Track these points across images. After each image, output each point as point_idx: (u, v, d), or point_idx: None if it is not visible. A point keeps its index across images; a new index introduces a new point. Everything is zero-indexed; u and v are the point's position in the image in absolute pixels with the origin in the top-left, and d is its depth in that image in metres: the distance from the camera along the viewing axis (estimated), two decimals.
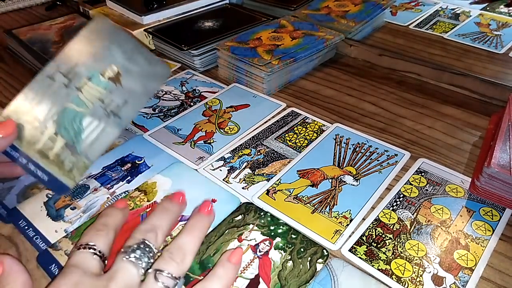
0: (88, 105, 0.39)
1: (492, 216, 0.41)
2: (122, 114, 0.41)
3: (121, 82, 0.41)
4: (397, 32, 0.79)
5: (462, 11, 0.84)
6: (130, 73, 0.41)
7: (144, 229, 0.33)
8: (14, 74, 0.68)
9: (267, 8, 0.82)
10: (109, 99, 0.40)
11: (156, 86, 0.47)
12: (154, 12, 0.75)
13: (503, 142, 0.42)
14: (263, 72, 0.59)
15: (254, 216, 0.42)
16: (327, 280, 0.36)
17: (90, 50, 0.39)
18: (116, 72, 0.40)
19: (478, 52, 0.71)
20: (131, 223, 0.41)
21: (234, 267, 0.33)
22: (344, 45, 0.71)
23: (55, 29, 0.76)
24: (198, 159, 0.49)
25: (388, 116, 0.57)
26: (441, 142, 0.52)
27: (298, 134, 0.53)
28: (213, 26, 0.74)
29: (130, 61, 0.41)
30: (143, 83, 0.42)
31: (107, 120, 0.40)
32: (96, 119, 0.39)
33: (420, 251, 0.38)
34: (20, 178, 0.46)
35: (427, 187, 0.45)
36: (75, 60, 0.38)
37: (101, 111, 0.39)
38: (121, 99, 0.41)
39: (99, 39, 0.40)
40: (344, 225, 0.41)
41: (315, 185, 0.45)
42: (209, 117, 0.57)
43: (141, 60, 0.42)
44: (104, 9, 0.81)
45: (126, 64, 0.41)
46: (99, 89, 0.39)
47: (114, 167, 0.48)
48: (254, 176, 0.47)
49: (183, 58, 0.69)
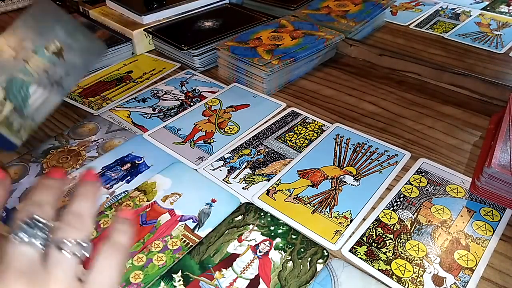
0: (34, 75, 0.45)
1: (493, 216, 0.41)
2: (64, 84, 0.48)
3: (64, 56, 0.47)
4: (397, 32, 0.78)
5: (463, 11, 0.84)
6: (72, 49, 0.48)
7: (27, 207, 0.29)
8: None
9: (267, 8, 0.82)
10: (53, 71, 0.46)
11: (94, 60, 0.55)
12: (154, 12, 0.75)
13: (504, 142, 0.42)
14: (263, 72, 0.59)
15: (254, 216, 0.41)
16: (327, 280, 0.36)
17: (35, 26, 0.45)
18: (59, 47, 0.46)
19: (479, 52, 0.70)
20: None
21: (129, 222, 0.32)
22: (344, 45, 0.71)
23: None
24: (198, 159, 0.49)
25: (388, 116, 0.57)
26: (441, 142, 0.52)
27: (298, 134, 0.53)
28: (213, 26, 0.74)
29: (71, 38, 0.48)
30: (83, 57, 0.49)
31: (51, 89, 0.47)
32: (41, 88, 0.46)
33: (420, 251, 0.38)
34: (21, 181, 0.46)
35: (427, 187, 0.45)
36: (22, 35, 0.44)
37: (45, 81, 0.46)
38: (63, 71, 0.47)
39: (44, 18, 0.46)
40: (344, 225, 0.41)
41: (315, 185, 0.45)
42: (209, 117, 0.57)
43: (81, 38, 0.49)
44: (104, 9, 0.81)
45: (68, 40, 0.47)
46: (44, 61, 0.45)
47: (114, 167, 0.48)
48: (254, 176, 0.47)
49: (183, 58, 0.69)
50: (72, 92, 0.62)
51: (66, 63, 0.47)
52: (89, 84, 0.65)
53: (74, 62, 0.48)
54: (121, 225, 0.32)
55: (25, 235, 0.27)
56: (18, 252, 0.27)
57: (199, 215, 0.42)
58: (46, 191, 0.31)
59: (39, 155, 0.50)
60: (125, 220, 0.33)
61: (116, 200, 0.43)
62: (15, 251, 0.27)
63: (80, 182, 0.33)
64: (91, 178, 0.33)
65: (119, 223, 0.33)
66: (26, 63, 0.45)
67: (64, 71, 0.47)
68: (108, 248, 0.30)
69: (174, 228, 0.40)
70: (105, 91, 0.63)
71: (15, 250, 0.27)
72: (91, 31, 0.74)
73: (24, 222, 0.28)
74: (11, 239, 0.27)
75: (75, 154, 0.50)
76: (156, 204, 0.43)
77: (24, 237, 0.27)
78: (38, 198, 0.30)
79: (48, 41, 0.46)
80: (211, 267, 0.37)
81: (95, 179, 0.33)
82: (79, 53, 0.49)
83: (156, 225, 0.41)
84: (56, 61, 0.47)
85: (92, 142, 0.52)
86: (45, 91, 0.46)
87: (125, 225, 0.32)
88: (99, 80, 0.65)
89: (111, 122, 0.55)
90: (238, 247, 0.38)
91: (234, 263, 0.37)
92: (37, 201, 0.30)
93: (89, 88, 0.64)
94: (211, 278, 0.36)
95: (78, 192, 0.32)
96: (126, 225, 0.32)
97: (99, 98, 0.61)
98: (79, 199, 0.31)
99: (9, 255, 0.26)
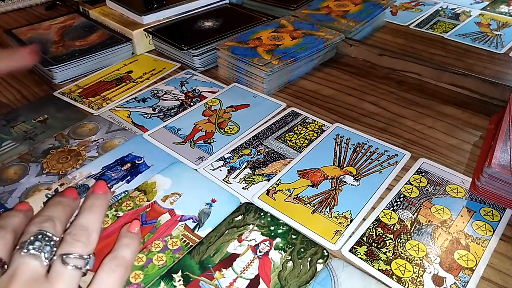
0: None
1: (493, 216, 0.41)
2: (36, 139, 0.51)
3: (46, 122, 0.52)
4: (397, 32, 0.78)
5: (463, 11, 0.84)
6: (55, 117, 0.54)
7: (38, 221, 0.30)
8: (14, 74, 0.68)
9: (267, 8, 0.82)
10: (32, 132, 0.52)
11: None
12: (154, 12, 0.75)
13: (504, 142, 0.42)
14: (263, 72, 0.59)
15: (254, 216, 0.41)
16: (327, 280, 0.36)
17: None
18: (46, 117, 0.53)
19: (479, 52, 0.70)
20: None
21: (137, 236, 0.32)
22: (344, 45, 0.71)
23: (55, 29, 0.76)
24: (198, 159, 0.49)
25: (388, 116, 0.57)
26: (441, 142, 0.52)
27: (298, 134, 0.53)
28: (213, 26, 0.74)
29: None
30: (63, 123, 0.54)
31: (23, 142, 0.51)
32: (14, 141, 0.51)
33: (420, 251, 0.38)
34: (21, 181, 0.46)
35: (427, 187, 0.45)
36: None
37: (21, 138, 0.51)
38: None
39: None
40: (344, 225, 0.41)
41: (315, 185, 0.45)
42: (209, 117, 0.57)
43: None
44: (104, 9, 0.81)
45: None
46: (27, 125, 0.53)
47: (114, 167, 0.48)
48: (254, 176, 0.47)
49: (183, 58, 0.69)
50: (72, 92, 0.62)
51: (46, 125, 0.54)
52: (89, 84, 0.65)
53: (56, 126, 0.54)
54: (127, 239, 0.32)
55: (32, 248, 0.28)
56: (24, 264, 0.27)
57: (199, 215, 0.42)
58: (58, 207, 0.32)
59: (39, 155, 0.50)
60: (132, 235, 0.33)
61: (116, 200, 0.43)
62: (22, 263, 0.27)
63: (90, 194, 0.34)
64: (101, 190, 0.34)
65: (126, 237, 0.32)
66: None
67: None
68: (110, 262, 0.30)
69: (174, 228, 0.40)
70: (105, 91, 0.63)
71: (22, 262, 0.27)
72: (91, 31, 0.74)
73: (33, 235, 0.28)
74: (18, 251, 0.28)
75: (75, 154, 0.50)
76: (156, 204, 0.43)
77: (31, 249, 0.27)
78: (49, 214, 0.31)
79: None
80: (211, 267, 0.37)
81: (105, 191, 0.34)
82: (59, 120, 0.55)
83: (156, 225, 0.41)
84: (38, 125, 0.53)
85: (92, 142, 0.52)
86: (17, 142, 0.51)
87: (131, 239, 0.32)
88: (99, 80, 0.65)
89: (111, 122, 0.55)
90: (238, 247, 0.38)
91: (234, 263, 0.37)
92: (48, 216, 0.31)
93: (89, 88, 0.64)
94: (211, 278, 0.36)
95: (86, 205, 0.33)
96: (132, 239, 0.32)
97: (99, 98, 0.61)
98: (86, 212, 0.32)
99: (15, 266, 0.27)
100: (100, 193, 0.33)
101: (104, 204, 0.33)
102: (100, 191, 0.34)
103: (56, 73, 0.64)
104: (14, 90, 0.64)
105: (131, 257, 0.31)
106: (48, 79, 0.66)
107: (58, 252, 0.28)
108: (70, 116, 0.57)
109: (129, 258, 0.31)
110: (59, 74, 0.65)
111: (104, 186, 0.34)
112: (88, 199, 0.33)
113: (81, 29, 0.76)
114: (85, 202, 0.33)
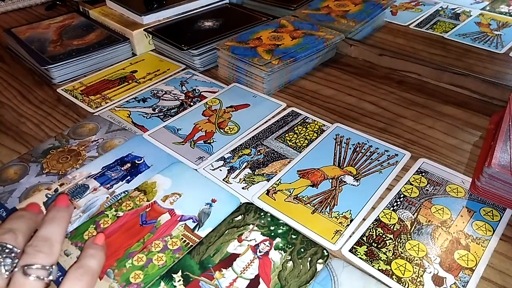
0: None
1: (493, 216, 0.41)
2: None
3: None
4: (398, 32, 0.78)
5: (463, 11, 0.84)
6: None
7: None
8: (14, 74, 0.68)
9: (267, 8, 0.82)
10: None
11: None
12: (154, 12, 0.75)
13: (504, 142, 0.42)
14: (263, 72, 0.59)
15: (254, 216, 0.41)
16: (327, 280, 0.36)
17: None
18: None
19: (479, 52, 0.70)
20: (131, 223, 0.41)
21: (102, 248, 0.33)
22: (345, 45, 0.71)
23: (54, 28, 0.76)
24: (198, 159, 0.49)
25: (388, 116, 0.57)
26: (441, 142, 0.52)
27: (298, 134, 0.53)
28: (213, 26, 0.74)
29: None
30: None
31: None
32: None
33: (420, 251, 0.38)
34: (21, 181, 0.46)
35: (427, 187, 0.45)
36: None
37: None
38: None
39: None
40: (344, 225, 0.41)
41: (315, 185, 0.45)
42: (209, 117, 0.57)
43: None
44: (104, 9, 0.81)
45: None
46: None
47: (114, 167, 0.48)
48: (254, 176, 0.47)
49: (183, 58, 0.69)
50: (74, 90, 0.62)
51: None
52: (92, 82, 0.65)
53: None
54: (93, 250, 0.33)
55: None
56: None
57: (199, 215, 0.42)
58: (19, 220, 0.32)
59: (39, 155, 0.50)
60: (97, 246, 0.34)
61: (116, 200, 0.43)
62: None
63: (51, 207, 0.34)
64: (63, 203, 0.34)
65: (92, 248, 0.33)
66: None
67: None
68: (75, 271, 0.30)
69: (174, 228, 0.40)
70: (107, 90, 0.63)
71: None
72: (90, 31, 0.74)
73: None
74: None
75: (75, 154, 0.50)
76: (156, 204, 0.43)
77: None
78: (10, 226, 0.31)
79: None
80: (211, 267, 0.37)
81: (67, 204, 0.34)
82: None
83: (156, 225, 0.41)
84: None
85: (92, 142, 0.52)
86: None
87: (97, 250, 0.33)
88: (103, 78, 0.66)
89: (111, 122, 0.55)
90: (238, 247, 0.38)
91: (234, 263, 0.37)
92: (8, 229, 0.30)
93: (92, 86, 0.64)
94: (211, 278, 0.36)
95: (48, 217, 0.33)
96: (97, 250, 0.33)
97: (99, 96, 0.61)
98: (47, 223, 0.32)
99: None
100: (62, 206, 0.34)
101: (66, 216, 0.34)
102: (62, 205, 0.34)
103: (53, 72, 0.64)
104: (14, 90, 0.64)
105: (97, 267, 0.32)
106: (48, 79, 0.66)
107: (20, 264, 0.28)
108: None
109: (94, 268, 0.32)
110: (57, 73, 0.64)
111: (66, 200, 0.35)
112: (50, 212, 0.33)
113: (79, 28, 0.76)
114: (47, 215, 0.33)
